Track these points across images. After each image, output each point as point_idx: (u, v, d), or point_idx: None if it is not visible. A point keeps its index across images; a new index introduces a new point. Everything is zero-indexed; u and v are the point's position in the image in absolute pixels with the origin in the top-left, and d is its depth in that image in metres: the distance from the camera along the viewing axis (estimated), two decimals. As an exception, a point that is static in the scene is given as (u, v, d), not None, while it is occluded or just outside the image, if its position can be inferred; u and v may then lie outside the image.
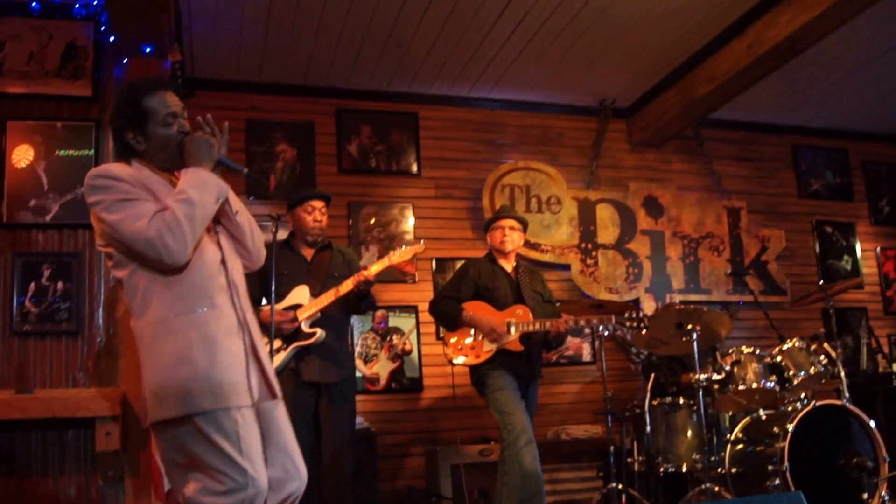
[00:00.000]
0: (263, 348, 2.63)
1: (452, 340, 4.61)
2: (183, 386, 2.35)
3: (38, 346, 4.35)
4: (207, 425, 2.34)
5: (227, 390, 2.39)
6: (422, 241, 4.48)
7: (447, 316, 4.62)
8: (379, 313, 5.93)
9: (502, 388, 4.40)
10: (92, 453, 4.11)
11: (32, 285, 4.39)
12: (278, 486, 2.54)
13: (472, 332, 4.55)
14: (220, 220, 2.64)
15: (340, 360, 4.27)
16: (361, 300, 4.27)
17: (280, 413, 2.65)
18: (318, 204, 4.42)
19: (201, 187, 2.45)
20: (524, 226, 4.86)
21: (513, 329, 4.48)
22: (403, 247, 4.25)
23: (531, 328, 4.48)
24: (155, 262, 2.39)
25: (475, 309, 4.58)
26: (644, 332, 4.67)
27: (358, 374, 5.77)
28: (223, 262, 2.57)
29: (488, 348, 4.49)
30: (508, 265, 4.78)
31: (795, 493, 2.47)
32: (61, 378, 4.33)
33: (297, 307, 4.20)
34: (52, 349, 4.36)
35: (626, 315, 4.53)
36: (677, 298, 6.67)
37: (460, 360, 4.57)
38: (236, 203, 2.67)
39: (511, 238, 4.74)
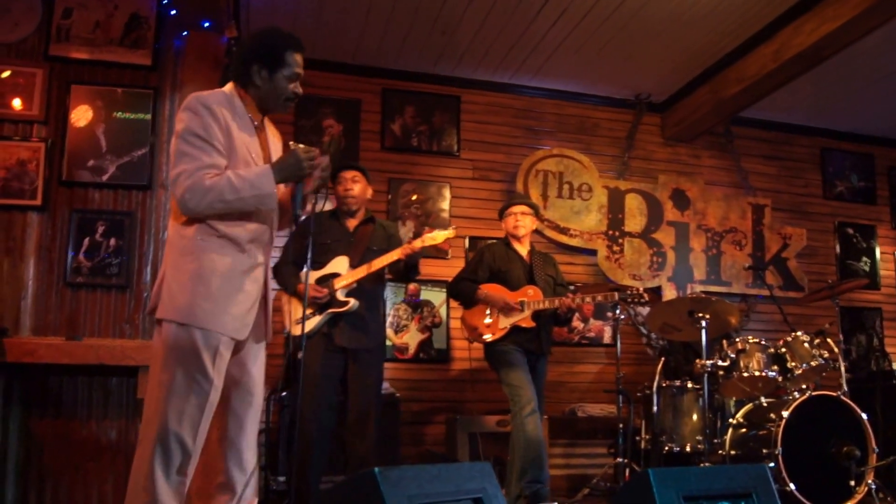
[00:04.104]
0: (270, 293, 2.81)
1: (470, 322, 4.61)
2: (194, 300, 2.52)
3: (88, 297, 4.33)
4: (200, 338, 2.51)
5: (229, 320, 2.56)
6: (452, 227, 4.36)
7: (463, 294, 4.65)
8: (412, 286, 5.87)
9: (512, 364, 4.41)
10: (133, 400, 4.09)
11: (87, 240, 4.36)
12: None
13: (488, 311, 4.53)
14: None
15: (370, 329, 4.25)
16: (411, 269, 4.26)
17: (258, 352, 2.81)
18: (348, 174, 4.39)
19: (256, 192, 2.55)
20: (535, 210, 4.83)
21: (525, 307, 4.47)
22: (436, 230, 4.18)
23: (542, 306, 4.48)
24: (172, 196, 2.57)
25: (490, 290, 4.57)
26: (645, 307, 4.73)
27: (388, 342, 5.76)
28: (270, 216, 2.73)
29: (503, 325, 4.47)
30: (523, 249, 4.73)
31: (761, 466, 2.52)
32: (108, 328, 4.30)
33: (335, 276, 4.18)
34: (101, 301, 4.33)
35: (629, 292, 4.53)
36: (698, 289, 6.53)
37: (487, 336, 4.52)
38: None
39: (523, 223, 4.71)
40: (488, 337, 4.50)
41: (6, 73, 4.41)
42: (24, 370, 3.94)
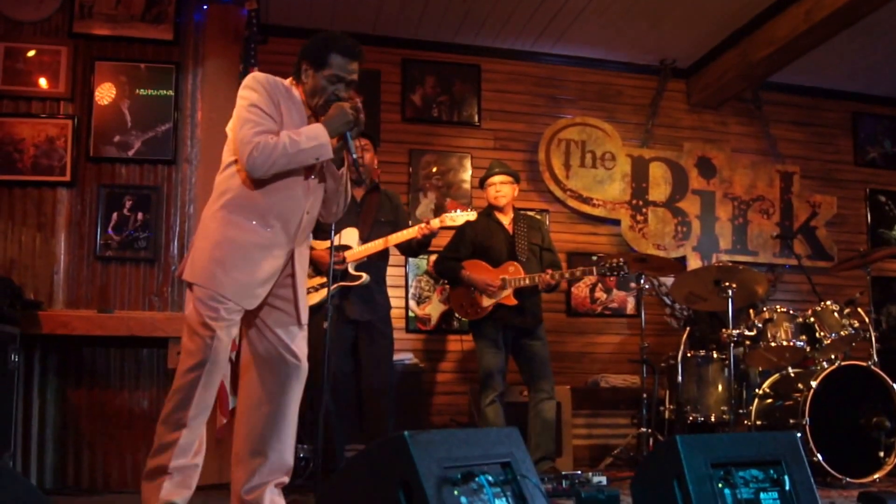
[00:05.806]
0: (304, 283, 3.04)
1: (456, 301, 4.87)
2: (211, 266, 2.79)
3: (118, 270, 4.54)
4: (205, 297, 2.76)
5: (230, 284, 2.77)
6: (471, 209, 4.50)
7: (447, 274, 4.91)
8: (434, 258, 6.01)
9: (486, 348, 4.74)
10: (164, 370, 4.31)
11: (115, 215, 4.56)
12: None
13: (472, 290, 4.75)
14: (326, 175, 2.99)
15: (377, 301, 4.42)
16: (423, 247, 4.44)
17: (298, 330, 3.02)
18: (360, 142, 4.42)
19: (313, 142, 2.78)
20: (514, 177, 4.95)
21: (506, 285, 4.67)
22: (458, 211, 4.35)
23: (521, 284, 4.65)
24: (240, 161, 2.78)
25: (472, 268, 4.78)
26: (622, 276, 4.81)
27: (410, 313, 5.93)
28: (305, 200, 2.92)
29: (486, 304, 4.70)
30: (506, 219, 4.90)
31: (791, 433, 2.55)
32: (138, 301, 4.51)
33: (345, 248, 4.30)
34: (130, 274, 4.54)
35: (606, 264, 4.65)
36: (724, 258, 6.54)
37: (473, 315, 4.79)
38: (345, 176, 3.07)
39: (503, 192, 4.87)
40: (474, 315, 4.75)
41: (31, 53, 4.61)
42: (58, 342, 4.16)
